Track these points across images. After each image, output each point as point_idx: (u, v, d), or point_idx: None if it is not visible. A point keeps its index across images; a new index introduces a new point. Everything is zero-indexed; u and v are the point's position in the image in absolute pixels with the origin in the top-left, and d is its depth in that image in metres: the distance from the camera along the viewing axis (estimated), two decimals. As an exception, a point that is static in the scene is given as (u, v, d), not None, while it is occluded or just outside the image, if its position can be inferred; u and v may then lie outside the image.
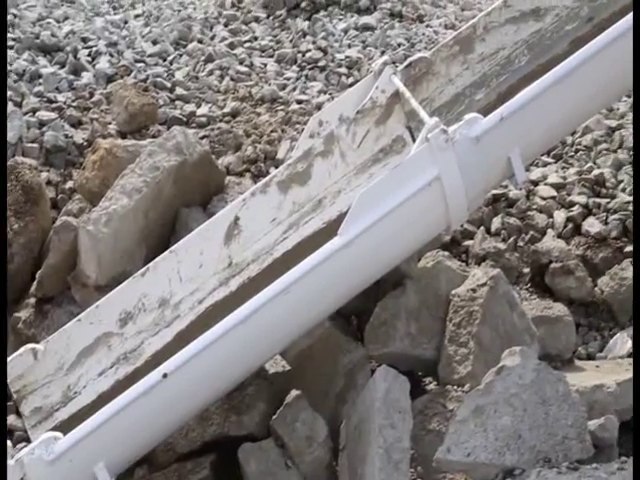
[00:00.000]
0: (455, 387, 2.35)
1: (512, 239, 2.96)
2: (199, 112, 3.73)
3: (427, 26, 4.83)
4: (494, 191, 3.04)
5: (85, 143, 3.46)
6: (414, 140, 2.52)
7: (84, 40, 4.30)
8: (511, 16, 2.76)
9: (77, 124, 3.58)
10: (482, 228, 3.02)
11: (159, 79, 3.98)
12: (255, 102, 3.86)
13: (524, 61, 2.78)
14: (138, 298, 2.56)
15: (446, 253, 2.71)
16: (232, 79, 4.05)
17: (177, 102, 3.79)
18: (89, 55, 4.17)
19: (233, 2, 4.91)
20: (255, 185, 2.76)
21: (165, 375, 2.09)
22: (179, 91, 3.89)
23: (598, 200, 3.04)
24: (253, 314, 2.13)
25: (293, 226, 2.65)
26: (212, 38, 4.50)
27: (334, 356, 2.47)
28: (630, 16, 2.22)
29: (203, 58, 4.21)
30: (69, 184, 3.29)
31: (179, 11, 4.85)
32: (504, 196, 3.12)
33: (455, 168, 2.19)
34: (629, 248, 2.86)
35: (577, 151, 3.38)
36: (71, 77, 3.94)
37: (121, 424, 2.09)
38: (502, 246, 2.91)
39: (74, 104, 3.71)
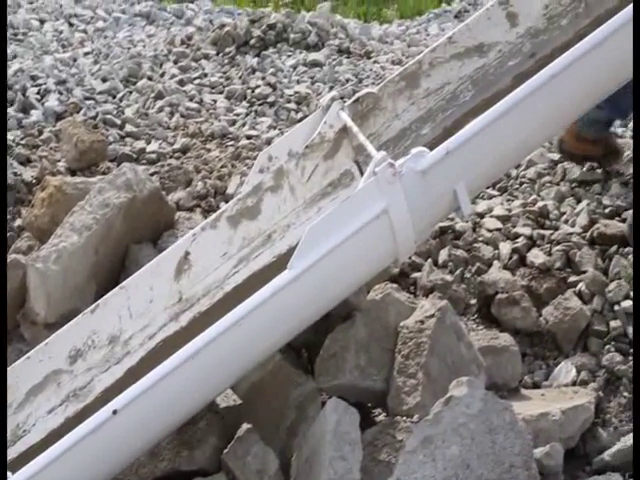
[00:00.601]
0: (404, 418, 2.34)
1: (459, 271, 2.98)
2: (149, 149, 3.73)
3: (374, 62, 4.89)
4: (441, 224, 3.06)
5: (34, 181, 3.44)
6: (362, 174, 2.54)
7: (33, 78, 4.30)
8: (456, 52, 2.78)
9: (26, 162, 3.57)
10: (430, 260, 3.03)
11: (109, 116, 3.98)
12: (205, 138, 3.88)
13: (469, 96, 2.80)
14: (88, 335, 2.53)
15: (395, 285, 2.71)
16: (182, 116, 4.07)
17: (127, 139, 3.79)
18: (38, 93, 4.16)
19: (182, 40, 4.94)
20: (205, 220, 2.75)
21: (115, 412, 2.07)
22: (129, 128, 3.90)
23: (542, 232, 3.07)
24: (204, 349, 2.12)
25: (243, 260, 2.65)
26: (162, 75, 4.51)
27: (285, 389, 2.47)
28: (571, 52, 2.26)
29: (153, 95, 4.22)
30: (18, 222, 3.27)
31: (128, 49, 4.87)
32: (451, 228, 3.15)
33: (402, 201, 2.20)
34: (572, 278, 2.89)
35: (521, 184, 3.42)
36: (20, 115, 3.93)
37: (70, 462, 2.06)
38: (449, 278, 2.92)
39: (23, 142, 3.69)
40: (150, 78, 4.44)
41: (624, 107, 3.13)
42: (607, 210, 3.11)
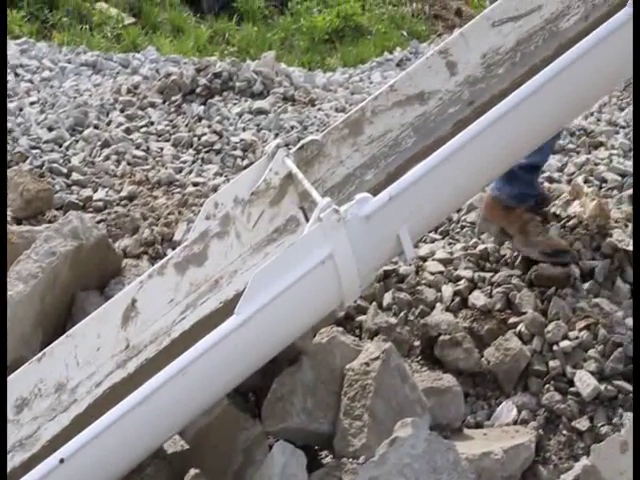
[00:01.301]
0: (350, 460, 2.36)
1: (403, 313, 3.01)
2: (96, 197, 3.72)
3: (319, 109, 4.95)
4: (385, 267, 3.10)
5: (-20, 229, 3.41)
6: (307, 220, 2.56)
7: (-21, 127, 4.27)
8: (397, 100, 2.81)
9: (-29, 211, 3.54)
10: (374, 303, 3.06)
11: (55, 165, 3.97)
12: (152, 185, 3.89)
13: (411, 142, 2.83)
14: (34, 384, 2.51)
15: (340, 329, 2.73)
16: (129, 163, 4.07)
17: (73, 187, 3.78)
18: (-16, 142, 4.13)
19: (129, 88, 4.95)
20: (152, 267, 2.75)
21: (62, 460, 2.06)
22: (75, 176, 3.89)
23: (483, 274, 3.12)
24: (151, 395, 2.12)
25: (190, 307, 2.65)
26: (108, 124, 4.51)
27: (232, 434, 2.46)
28: (507, 100, 2.32)
29: (99, 143, 4.23)
30: (-36, 270, 3.24)
31: (75, 98, 4.87)
32: (395, 272, 3.18)
33: (347, 246, 2.24)
34: (513, 319, 2.93)
35: (463, 227, 3.48)
36: (-34, 164, 3.89)
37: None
38: (394, 320, 2.95)
39: (-32, 190, 3.66)
40: (96, 127, 4.44)
41: (547, 151, 3.22)
42: (546, 252, 3.17)
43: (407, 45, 6.91)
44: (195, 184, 3.94)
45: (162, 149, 4.30)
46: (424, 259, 3.28)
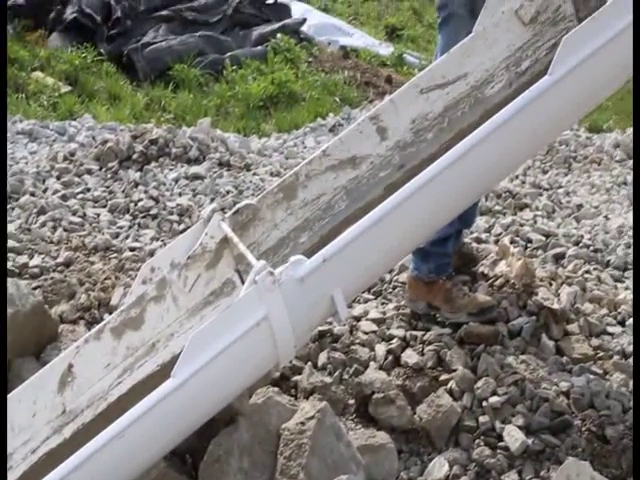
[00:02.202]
0: (288, 518, 2.37)
1: (338, 372, 3.04)
2: (32, 263, 3.69)
3: (254, 174, 5.01)
4: (320, 327, 3.13)
5: None
6: (243, 283, 2.56)
7: None
8: (330, 164, 2.84)
9: None
10: (309, 363, 3.08)
11: (-9, 232, 3.94)
12: (88, 251, 3.87)
13: (343, 205, 2.86)
14: (-31, 452, 2.48)
15: (276, 389, 2.75)
16: (65, 230, 4.05)
17: (9, 254, 3.76)
18: None
19: (65, 156, 4.94)
20: (89, 332, 2.74)
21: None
22: (11, 243, 3.85)
23: (415, 333, 3.18)
24: (87, 460, 2.10)
25: (127, 370, 2.64)
26: (44, 191, 4.50)
27: (170, 496, 2.46)
28: (437, 163, 2.37)
29: (35, 210, 4.20)
30: None
31: (11, 166, 4.84)
32: (329, 332, 3.21)
33: (282, 308, 2.26)
34: (444, 377, 2.98)
35: (395, 287, 3.54)
36: None
37: None
38: (328, 380, 2.96)
39: None
40: (33, 194, 4.42)
41: (470, 217, 3.33)
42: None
43: (340, 111, 7.04)
44: (132, 249, 3.93)
45: (99, 215, 4.29)
46: (358, 319, 3.32)
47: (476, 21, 2.85)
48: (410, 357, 3.06)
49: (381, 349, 3.13)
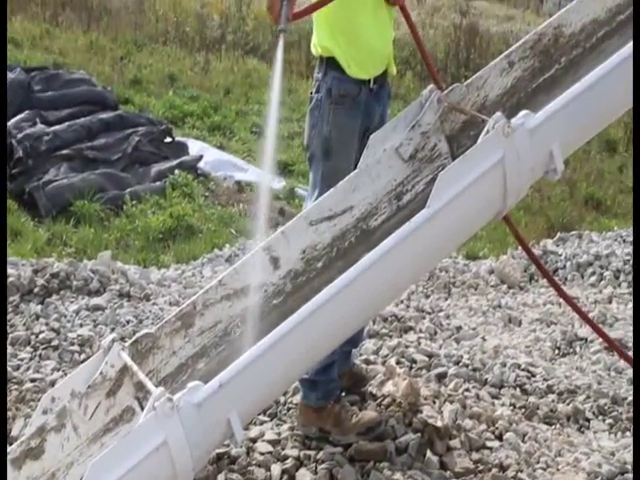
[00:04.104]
0: None
1: (235, 494, 3.03)
2: None
3: (153, 304, 5.01)
4: (218, 450, 3.12)
5: None
6: (143, 409, 2.55)
7: None
8: (226, 293, 2.86)
9: None
10: (208, 486, 3.06)
11: None
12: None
13: (239, 332, 2.87)
14: None
15: (175, 513, 2.71)
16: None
17: None
18: None
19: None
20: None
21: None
22: None
23: (308, 452, 3.21)
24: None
25: (26, 502, 2.58)
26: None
27: None
28: (326, 290, 2.45)
29: (-64, 343, 4.10)
30: None
31: None
32: (227, 454, 3.20)
33: (180, 432, 2.26)
34: (336, 493, 3.02)
35: (289, 409, 3.57)
36: None
37: None
38: (227, 501, 2.96)
39: None
40: None
41: (357, 337, 3.43)
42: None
43: (235, 242, 7.13)
44: (33, 380, 3.86)
45: (0, 346, 4.21)
46: (254, 440, 3.33)
47: (330, 163, 3.00)
48: (304, 476, 3.09)
49: (276, 469, 3.14)
